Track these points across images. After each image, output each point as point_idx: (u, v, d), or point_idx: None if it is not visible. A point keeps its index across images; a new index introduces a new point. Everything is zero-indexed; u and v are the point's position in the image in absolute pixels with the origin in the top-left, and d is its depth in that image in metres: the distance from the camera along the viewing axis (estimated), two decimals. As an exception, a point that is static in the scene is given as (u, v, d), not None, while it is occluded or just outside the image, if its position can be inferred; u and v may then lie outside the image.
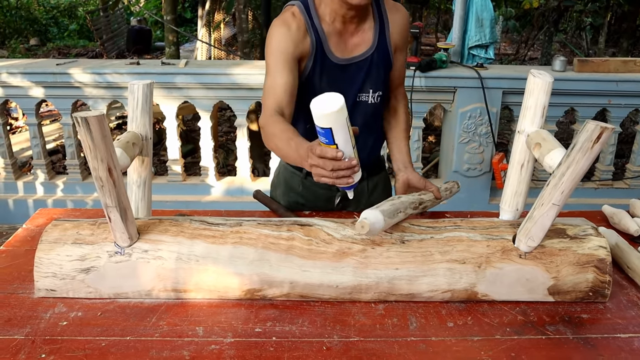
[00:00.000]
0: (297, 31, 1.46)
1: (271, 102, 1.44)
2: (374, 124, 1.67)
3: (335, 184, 1.20)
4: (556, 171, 1.07)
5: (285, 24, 1.47)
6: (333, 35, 1.50)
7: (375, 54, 1.54)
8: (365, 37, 1.53)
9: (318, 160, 1.16)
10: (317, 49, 1.49)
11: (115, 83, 3.36)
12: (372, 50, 1.54)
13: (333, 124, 1.11)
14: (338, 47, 1.52)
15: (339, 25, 1.50)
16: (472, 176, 3.57)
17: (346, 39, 1.52)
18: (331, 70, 1.52)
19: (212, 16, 7.92)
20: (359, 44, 1.53)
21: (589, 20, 8.29)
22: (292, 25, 1.46)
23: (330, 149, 1.14)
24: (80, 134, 1.01)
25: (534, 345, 1.08)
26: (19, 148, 5.08)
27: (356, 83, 1.55)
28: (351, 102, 1.56)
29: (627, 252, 1.34)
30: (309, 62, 1.50)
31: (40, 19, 12.33)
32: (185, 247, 1.19)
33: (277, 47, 1.46)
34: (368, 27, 1.53)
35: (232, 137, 5.37)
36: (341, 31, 1.51)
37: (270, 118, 1.41)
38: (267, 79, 1.48)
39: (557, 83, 3.27)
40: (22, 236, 1.49)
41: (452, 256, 1.19)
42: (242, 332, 1.10)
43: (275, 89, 1.45)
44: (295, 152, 1.29)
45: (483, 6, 3.71)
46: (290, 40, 1.45)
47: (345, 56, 1.53)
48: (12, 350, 1.04)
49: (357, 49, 1.53)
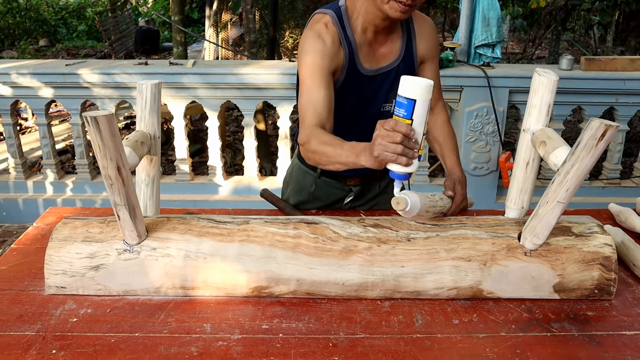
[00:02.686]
0: (331, 45, 1.44)
1: (311, 118, 1.41)
2: None
3: (395, 160, 1.14)
4: (561, 169, 1.08)
5: (319, 38, 1.44)
6: (364, 46, 1.49)
7: (402, 64, 1.54)
8: (393, 48, 1.53)
9: (388, 132, 1.13)
10: (350, 61, 1.48)
11: (124, 83, 3.39)
12: (398, 61, 1.54)
13: (419, 97, 1.11)
14: (367, 58, 1.51)
15: (370, 35, 1.49)
16: (479, 175, 3.56)
17: (375, 49, 1.51)
18: (360, 81, 1.52)
19: (220, 16, 7.94)
20: (387, 54, 1.53)
21: (596, 19, 8.24)
22: (327, 38, 1.43)
23: (404, 123, 1.12)
24: (89, 133, 1.02)
25: (540, 342, 1.08)
26: (29, 148, 5.12)
27: (381, 94, 1.55)
28: (376, 112, 1.56)
29: (633, 250, 1.35)
30: (342, 75, 1.49)
31: (49, 20, 12.42)
32: (193, 245, 1.20)
33: (312, 62, 1.42)
34: (396, 37, 1.53)
35: (240, 136, 5.39)
36: (371, 41, 1.50)
37: (314, 131, 1.38)
38: (304, 94, 1.44)
39: (564, 82, 3.29)
40: (33, 234, 1.51)
41: (458, 254, 1.20)
42: (249, 329, 1.11)
43: (314, 105, 1.42)
44: (350, 149, 1.27)
45: (489, 5, 3.71)
46: (325, 55, 1.43)
47: (373, 67, 1.52)
48: (24, 346, 1.05)
49: (384, 60, 1.53)
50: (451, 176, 1.53)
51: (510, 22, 10.26)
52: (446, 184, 1.49)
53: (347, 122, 1.56)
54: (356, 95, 1.53)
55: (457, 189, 1.46)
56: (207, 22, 7.80)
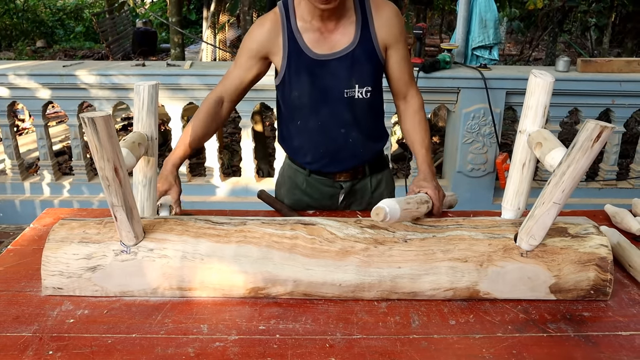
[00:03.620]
0: (269, 30, 1.55)
1: (218, 87, 1.64)
2: (367, 120, 1.66)
3: None
4: (557, 170, 1.08)
5: (261, 23, 1.57)
6: (310, 32, 1.54)
7: (358, 48, 1.55)
8: (346, 33, 1.55)
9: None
10: (290, 46, 1.54)
11: (121, 84, 3.39)
12: (353, 46, 1.55)
13: None
14: (317, 44, 1.54)
15: (317, 22, 1.53)
16: (475, 176, 3.57)
17: (326, 36, 1.55)
18: (310, 66, 1.55)
19: (217, 18, 7.94)
20: (340, 39, 1.55)
21: (593, 21, 8.27)
22: (267, 24, 1.56)
23: None
24: (87, 134, 1.02)
25: (536, 342, 1.09)
26: (26, 149, 5.11)
27: (340, 78, 1.56)
28: (338, 97, 1.58)
29: (629, 251, 1.35)
30: (283, 60, 1.56)
31: (46, 21, 12.41)
32: (190, 246, 1.20)
33: (245, 42, 1.59)
34: (349, 23, 1.55)
35: (237, 138, 5.39)
36: (320, 28, 1.54)
37: (204, 102, 1.63)
38: (231, 67, 1.64)
39: (560, 83, 3.30)
40: (30, 235, 1.50)
41: (454, 255, 1.20)
42: (246, 330, 1.11)
43: (227, 78, 1.63)
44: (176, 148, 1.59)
45: (486, 7, 3.72)
46: (258, 38, 1.56)
47: (326, 52, 1.55)
48: (20, 347, 1.05)
49: (337, 45, 1.55)
50: (418, 176, 1.56)
51: (508, 24, 10.30)
52: (411, 188, 1.51)
53: (310, 107, 1.60)
54: (310, 80, 1.56)
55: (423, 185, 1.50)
56: (205, 24, 7.80)
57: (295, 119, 1.64)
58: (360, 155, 1.69)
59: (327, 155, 1.66)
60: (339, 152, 1.66)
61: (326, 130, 1.62)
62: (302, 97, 1.59)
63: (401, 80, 1.65)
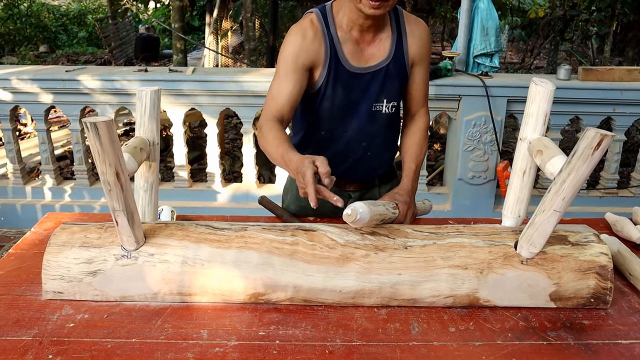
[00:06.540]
0: (312, 39, 1.49)
1: (272, 107, 1.51)
2: (389, 135, 1.68)
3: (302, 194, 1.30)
4: (557, 178, 1.09)
5: (301, 32, 1.50)
6: (349, 44, 1.52)
7: (391, 64, 1.55)
8: (381, 47, 1.55)
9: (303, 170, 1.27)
10: (332, 57, 1.51)
11: (123, 90, 3.40)
12: (387, 61, 1.55)
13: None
14: (354, 56, 1.53)
15: (355, 33, 1.52)
16: (476, 184, 3.57)
17: (362, 48, 1.54)
18: (346, 78, 1.54)
19: (220, 24, 7.98)
20: (375, 53, 1.55)
21: (594, 29, 8.29)
22: (308, 33, 1.50)
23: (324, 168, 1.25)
24: (89, 139, 1.03)
25: (535, 350, 1.08)
26: (28, 154, 5.12)
27: (371, 92, 1.56)
28: (367, 111, 1.58)
29: (629, 259, 1.35)
30: (324, 70, 1.52)
31: (49, 27, 12.46)
32: (191, 251, 1.20)
33: (289, 54, 1.49)
34: (385, 38, 1.55)
35: (239, 144, 5.39)
36: (358, 40, 1.53)
37: (267, 124, 1.48)
38: (274, 83, 1.52)
39: (561, 91, 3.30)
40: (31, 239, 1.51)
41: (455, 262, 1.20)
42: (246, 336, 1.11)
43: (279, 95, 1.50)
44: (281, 158, 1.38)
45: (488, 15, 3.73)
46: (303, 49, 1.49)
47: (361, 65, 1.54)
48: (20, 351, 1.05)
49: (372, 59, 1.55)
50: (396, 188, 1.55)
51: (509, 32, 10.33)
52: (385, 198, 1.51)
53: (339, 120, 1.59)
54: (344, 93, 1.55)
55: (397, 197, 1.49)
56: (207, 30, 7.83)
57: (320, 129, 1.63)
58: (375, 168, 1.70)
59: (343, 165, 1.65)
60: (357, 164, 1.67)
61: (349, 143, 1.62)
62: (333, 109, 1.57)
63: (416, 99, 1.66)
